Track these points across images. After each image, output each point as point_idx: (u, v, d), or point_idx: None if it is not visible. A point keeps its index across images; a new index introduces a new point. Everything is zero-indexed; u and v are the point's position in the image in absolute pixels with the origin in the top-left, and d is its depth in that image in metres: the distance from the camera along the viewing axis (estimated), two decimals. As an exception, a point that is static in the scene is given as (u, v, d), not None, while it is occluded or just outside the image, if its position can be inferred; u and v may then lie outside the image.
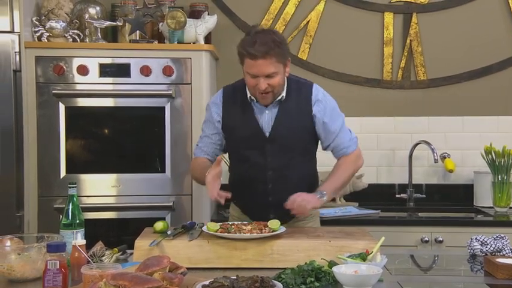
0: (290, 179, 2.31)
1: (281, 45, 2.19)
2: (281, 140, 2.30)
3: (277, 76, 2.20)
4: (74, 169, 2.93)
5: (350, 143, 2.38)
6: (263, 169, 2.31)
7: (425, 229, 2.96)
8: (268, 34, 2.20)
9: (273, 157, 2.30)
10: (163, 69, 2.92)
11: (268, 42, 2.15)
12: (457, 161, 3.41)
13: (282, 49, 2.20)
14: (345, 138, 2.37)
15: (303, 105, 2.32)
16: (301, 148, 2.35)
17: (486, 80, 3.49)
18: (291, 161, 2.32)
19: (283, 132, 2.30)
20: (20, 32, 2.86)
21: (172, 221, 2.84)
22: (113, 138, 3.04)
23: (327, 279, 1.71)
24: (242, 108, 2.33)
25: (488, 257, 1.99)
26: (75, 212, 1.98)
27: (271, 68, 2.17)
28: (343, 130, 2.37)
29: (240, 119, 2.33)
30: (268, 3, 3.51)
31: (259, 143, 2.30)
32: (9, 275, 1.78)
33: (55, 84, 2.90)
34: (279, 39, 2.20)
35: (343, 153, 2.37)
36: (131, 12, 3.10)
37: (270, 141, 2.30)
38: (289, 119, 2.30)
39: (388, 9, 3.51)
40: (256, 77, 2.19)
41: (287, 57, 2.26)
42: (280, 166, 2.31)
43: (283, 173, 2.31)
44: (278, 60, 2.18)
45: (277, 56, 2.17)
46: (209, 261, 1.94)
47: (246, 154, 2.34)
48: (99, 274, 1.59)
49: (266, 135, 2.30)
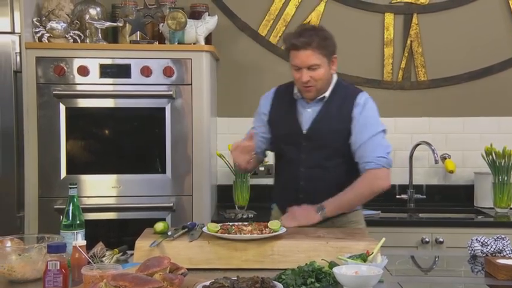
0: (322, 179, 2.31)
1: (326, 40, 2.25)
2: (317, 138, 2.32)
3: (320, 69, 2.25)
4: (75, 170, 2.93)
5: (373, 160, 2.25)
6: (296, 166, 2.34)
7: (426, 230, 2.96)
8: (314, 29, 2.31)
9: (307, 154, 2.33)
10: (163, 70, 2.92)
11: (312, 35, 2.22)
12: (457, 161, 3.41)
13: (327, 44, 2.25)
14: (371, 152, 2.26)
15: (345, 108, 2.31)
16: (336, 149, 2.33)
17: (487, 81, 3.50)
18: (324, 161, 2.32)
19: (320, 131, 2.32)
20: (21, 32, 2.86)
21: (172, 222, 2.84)
22: (113, 139, 3.04)
23: (328, 280, 1.71)
24: (287, 105, 2.39)
25: (488, 257, 1.99)
26: (76, 213, 1.98)
27: (313, 59, 2.22)
28: (372, 143, 2.27)
29: (283, 115, 2.40)
30: (268, 4, 3.51)
31: (296, 139, 2.34)
32: (9, 276, 1.78)
33: (55, 84, 2.90)
34: (325, 35, 2.26)
35: (362, 168, 2.28)
36: (132, 13, 3.10)
37: (306, 138, 2.33)
38: (329, 119, 2.32)
39: (389, 10, 3.51)
40: (300, 69, 2.25)
41: (332, 53, 2.29)
42: (313, 164, 2.32)
43: (315, 172, 2.32)
44: (322, 53, 2.23)
45: (321, 48, 2.23)
46: (209, 262, 1.94)
47: (284, 149, 2.40)
48: (99, 275, 1.59)
49: (303, 131, 2.33)
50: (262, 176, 3.47)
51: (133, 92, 2.93)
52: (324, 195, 2.30)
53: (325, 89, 2.33)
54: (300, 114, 2.36)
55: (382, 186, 2.29)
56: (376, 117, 2.34)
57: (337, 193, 2.27)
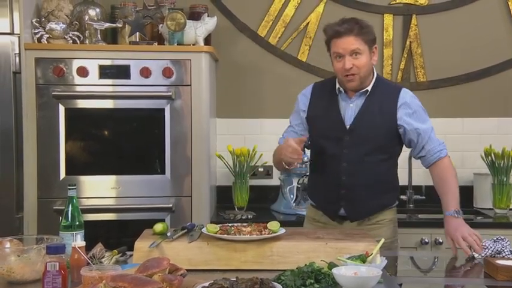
0: (364, 175, 2.33)
1: (368, 27, 2.29)
2: (360, 133, 2.32)
3: (363, 56, 2.26)
4: (74, 171, 2.93)
5: (442, 147, 2.37)
6: (338, 161, 2.34)
7: (425, 231, 2.96)
8: (354, 18, 2.32)
9: (349, 149, 2.33)
10: (163, 71, 2.92)
11: (353, 23, 2.27)
12: (456, 162, 3.38)
13: (368, 30, 2.29)
14: (437, 141, 2.37)
15: (388, 104, 2.33)
16: (379, 145, 2.35)
17: (486, 82, 3.50)
18: (367, 156, 2.33)
19: (364, 125, 2.32)
20: (20, 33, 2.86)
21: (171, 223, 2.84)
22: (112, 140, 3.04)
23: (327, 280, 1.71)
24: (328, 100, 2.39)
25: (488, 258, 1.99)
26: (75, 214, 1.98)
27: (355, 44, 2.24)
28: (433, 135, 2.37)
29: (324, 110, 2.39)
30: (268, 4, 3.51)
31: (339, 134, 2.34)
32: (8, 277, 1.78)
33: (55, 85, 2.90)
34: (365, 24, 2.30)
35: (437, 157, 2.35)
36: (131, 13, 3.10)
37: (349, 133, 2.33)
38: (372, 114, 2.33)
39: (388, 11, 3.51)
40: (342, 56, 2.26)
41: (373, 42, 2.31)
42: (356, 159, 2.33)
43: (357, 167, 2.33)
44: (363, 40, 2.26)
45: (363, 35, 2.26)
46: (209, 262, 1.94)
47: (325, 145, 2.39)
48: (98, 276, 1.59)
49: (346, 126, 2.33)
50: (262, 177, 3.47)
51: (132, 93, 2.93)
52: (364, 191, 2.33)
53: (368, 82, 2.33)
54: (343, 109, 2.36)
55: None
56: (424, 110, 2.41)
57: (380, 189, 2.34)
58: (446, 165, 2.36)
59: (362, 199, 2.35)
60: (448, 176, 2.34)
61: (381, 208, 2.41)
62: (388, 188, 2.44)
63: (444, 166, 2.35)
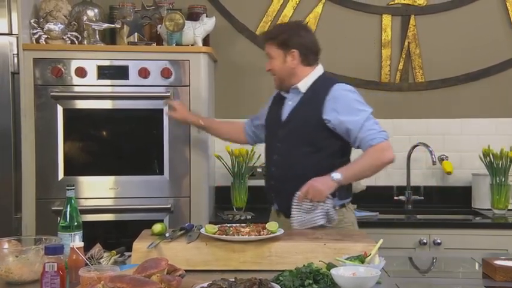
0: (291, 167, 2.39)
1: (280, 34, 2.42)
2: (291, 127, 2.43)
3: (275, 60, 2.43)
4: (72, 171, 2.93)
5: (376, 135, 2.34)
6: (272, 153, 2.50)
7: (424, 231, 2.96)
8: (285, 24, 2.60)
9: (281, 143, 2.45)
10: (161, 72, 2.92)
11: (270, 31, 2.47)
12: (455, 163, 3.42)
13: (279, 37, 2.41)
14: (370, 132, 2.33)
15: (318, 97, 2.40)
16: (307, 139, 2.40)
17: (484, 82, 3.50)
18: (294, 149, 2.41)
19: (295, 120, 2.43)
20: (18, 34, 2.86)
21: (170, 223, 2.84)
22: (111, 140, 3.04)
23: (325, 281, 1.71)
24: (278, 99, 2.57)
25: (486, 259, 1.99)
26: (73, 214, 1.98)
27: (268, 49, 2.45)
28: (367, 125, 2.34)
29: (272, 107, 2.59)
30: (266, 5, 3.51)
31: (275, 128, 2.50)
32: (7, 278, 1.78)
33: (53, 86, 2.90)
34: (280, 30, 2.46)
35: (368, 145, 2.34)
36: (129, 14, 3.10)
37: (282, 127, 2.46)
38: (302, 110, 2.42)
39: (386, 12, 3.51)
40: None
41: (288, 48, 2.41)
42: (285, 152, 2.43)
43: (286, 160, 2.42)
44: (275, 45, 2.42)
45: (273, 40, 2.42)
46: (207, 263, 1.94)
47: (266, 139, 2.61)
48: (97, 276, 1.59)
49: (281, 120, 2.47)
50: (260, 178, 3.45)
51: (131, 93, 2.93)
52: (292, 184, 2.32)
53: (292, 81, 2.45)
54: (282, 106, 2.50)
55: (390, 157, 2.35)
56: (356, 102, 2.40)
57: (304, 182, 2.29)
58: (372, 149, 2.31)
59: (290, 192, 2.33)
60: (364, 154, 2.33)
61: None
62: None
63: (369, 149, 2.32)
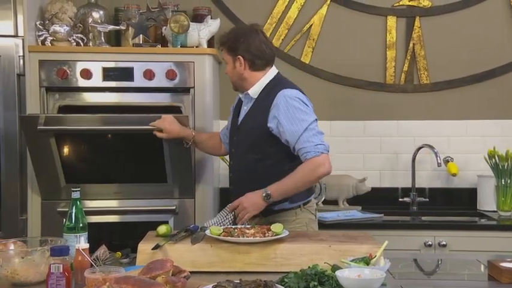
0: (243, 173, 2.45)
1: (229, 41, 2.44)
2: (242, 134, 2.47)
3: (228, 65, 2.48)
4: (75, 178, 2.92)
5: (311, 149, 2.28)
6: (230, 158, 2.59)
7: (429, 233, 2.95)
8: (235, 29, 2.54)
9: (235, 148, 2.51)
10: (166, 73, 2.93)
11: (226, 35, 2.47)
12: (460, 164, 3.41)
13: (232, 44, 2.43)
14: (307, 144, 2.29)
15: (265, 105, 2.40)
16: (253, 145, 2.41)
17: (489, 84, 3.49)
18: (245, 155, 2.44)
19: (245, 126, 2.46)
20: (24, 36, 2.87)
21: (175, 225, 2.84)
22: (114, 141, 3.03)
23: (330, 283, 1.71)
24: (239, 104, 2.58)
25: (492, 261, 1.98)
26: (79, 216, 1.99)
27: (223, 55, 2.50)
28: (307, 134, 2.30)
29: (234, 110, 2.60)
30: (271, 7, 3.52)
31: (232, 133, 2.56)
32: (12, 279, 1.78)
33: (59, 88, 2.91)
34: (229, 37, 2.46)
35: (304, 158, 2.30)
36: (134, 16, 3.11)
37: (236, 133, 2.51)
38: (252, 116, 2.45)
39: (391, 13, 3.51)
40: None
41: (236, 54, 2.43)
42: (239, 159, 2.48)
43: (239, 166, 2.49)
44: (226, 51, 2.46)
45: (224, 45, 2.46)
46: (212, 265, 1.94)
47: (227, 142, 2.65)
48: (102, 278, 1.59)
49: (236, 127, 2.51)
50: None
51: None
52: (246, 189, 2.33)
53: (244, 86, 2.47)
54: (240, 111, 2.53)
55: (324, 172, 2.31)
56: (301, 111, 2.33)
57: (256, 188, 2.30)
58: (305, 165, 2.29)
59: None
60: (297, 170, 2.29)
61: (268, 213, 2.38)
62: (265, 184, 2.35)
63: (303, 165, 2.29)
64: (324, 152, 2.30)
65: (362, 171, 3.43)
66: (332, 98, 3.51)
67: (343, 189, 3.27)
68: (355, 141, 3.50)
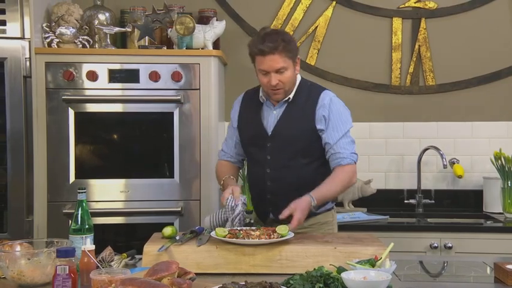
0: (287, 179, 2.34)
1: (290, 42, 2.30)
2: (281, 139, 2.35)
3: (287, 71, 2.29)
4: (83, 174, 2.94)
5: (348, 156, 2.31)
6: (263, 166, 2.38)
7: (435, 235, 2.95)
8: (276, 33, 2.33)
9: (272, 155, 2.36)
10: (172, 75, 2.94)
11: (276, 39, 2.25)
12: (466, 166, 3.40)
13: (291, 46, 2.29)
14: (345, 148, 2.32)
15: (308, 107, 2.35)
16: (300, 150, 2.35)
17: (495, 86, 3.48)
18: (290, 161, 2.34)
19: (284, 131, 2.35)
20: (31, 38, 2.88)
21: (180, 227, 2.85)
22: (121, 144, 3.05)
23: (336, 285, 1.71)
24: (254, 108, 2.44)
25: (498, 263, 1.98)
26: (85, 217, 1.99)
27: (280, 62, 2.26)
28: (345, 140, 2.33)
29: (250, 118, 2.44)
30: (276, 8, 3.52)
31: (262, 140, 2.38)
32: (19, 280, 1.79)
33: (65, 89, 2.92)
34: (287, 38, 2.30)
35: (338, 163, 2.31)
36: (140, 18, 3.12)
37: (270, 140, 2.36)
38: (292, 119, 2.35)
39: (397, 15, 3.51)
40: (268, 73, 2.29)
41: (296, 55, 2.33)
42: (279, 165, 2.35)
43: (281, 173, 2.35)
44: (287, 56, 2.28)
45: (286, 51, 2.27)
46: (218, 266, 1.94)
47: (251, 151, 2.46)
48: (108, 279, 1.60)
49: (268, 133, 2.37)
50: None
51: (141, 96, 2.95)
52: (290, 196, 2.26)
53: (291, 90, 2.37)
54: (266, 116, 2.40)
55: (354, 182, 2.37)
56: (344, 114, 2.37)
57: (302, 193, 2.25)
58: (344, 171, 2.29)
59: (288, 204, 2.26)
60: (339, 176, 2.29)
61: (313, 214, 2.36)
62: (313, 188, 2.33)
63: (342, 170, 2.30)
64: (356, 162, 2.34)
65: (367, 173, 3.42)
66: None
67: (348, 191, 3.26)
68: (361, 143, 3.46)
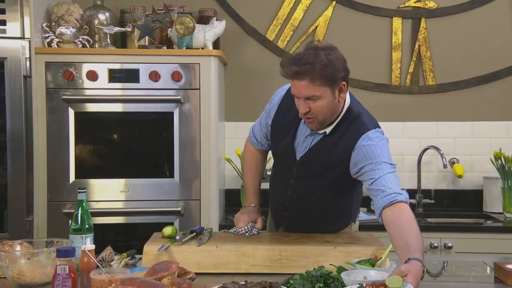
0: (306, 205, 2.19)
1: (329, 66, 1.90)
2: (308, 170, 2.13)
3: (321, 100, 1.94)
4: (83, 174, 2.94)
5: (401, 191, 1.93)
6: (285, 186, 2.23)
7: (435, 235, 2.95)
8: (316, 50, 1.92)
9: (296, 180, 2.18)
10: (172, 75, 2.94)
11: (311, 62, 1.89)
12: (466, 166, 3.40)
13: (329, 71, 1.90)
14: (393, 184, 1.93)
15: (346, 144, 2.03)
16: (328, 186, 2.14)
17: (495, 85, 3.48)
18: (311, 193, 2.17)
19: (314, 162, 2.11)
20: (31, 38, 2.88)
21: (180, 226, 2.85)
22: (121, 143, 3.05)
23: (336, 285, 1.71)
24: (290, 119, 2.13)
25: (498, 263, 1.98)
26: (85, 217, 1.99)
27: (311, 90, 1.91)
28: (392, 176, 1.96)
29: (283, 128, 2.17)
30: (276, 8, 3.52)
31: (289, 162, 2.17)
32: (19, 280, 1.79)
33: (65, 89, 2.92)
34: (329, 59, 1.90)
35: (392, 199, 1.89)
36: (140, 18, 3.12)
37: (298, 165, 2.15)
38: (325, 152, 2.07)
39: (397, 15, 3.51)
40: (298, 98, 1.98)
41: (337, 81, 1.93)
42: (301, 192, 2.19)
43: (300, 197, 2.20)
44: (322, 83, 1.91)
45: (320, 78, 1.90)
46: (218, 266, 1.94)
47: (278, 164, 2.30)
48: (108, 279, 1.60)
49: (297, 158, 2.14)
50: (270, 181, 3.46)
51: (141, 96, 2.95)
52: (307, 220, 2.23)
53: (332, 120, 2.04)
54: (299, 136, 2.13)
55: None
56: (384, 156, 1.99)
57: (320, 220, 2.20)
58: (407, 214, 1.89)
59: (303, 225, 2.22)
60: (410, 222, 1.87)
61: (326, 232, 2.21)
62: (337, 217, 2.26)
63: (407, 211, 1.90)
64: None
65: (367, 173, 3.42)
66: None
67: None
68: (361, 143, 3.49)
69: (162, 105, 2.96)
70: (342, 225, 2.31)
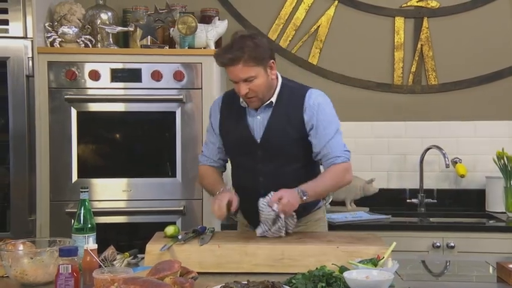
0: (281, 186, 2.18)
1: (257, 48, 2.15)
2: (272, 146, 2.26)
3: (257, 79, 2.17)
4: (86, 173, 2.95)
5: (341, 154, 2.23)
6: (255, 175, 2.28)
7: (437, 234, 2.94)
8: (243, 38, 2.17)
9: (263, 163, 2.27)
10: (174, 74, 2.94)
11: (240, 48, 2.12)
12: (468, 166, 3.39)
13: (258, 52, 2.14)
14: (336, 147, 2.23)
15: (295, 110, 2.25)
16: (293, 155, 2.28)
17: (498, 85, 3.48)
18: (282, 168, 2.26)
19: (274, 138, 2.25)
20: (33, 37, 2.88)
21: (183, 226, 2.85)
22: (124, 143, 3.06)
23: (338, 284, 1.71)
24: (236, 113, 2.32)
25: (501, 262, 1.97)
26: (87, 217, 2.00)
27: (245, 72, 2.14)
28: (335, 139, 2.24)
29: (233, 124, 2.32)
30: (278, 8, 3.52)
31: (251, 148, 2.28)
32: (21, 279, 1.80)
33: (67, 89, 2.92)
34: (255, 43, 2.15)
35: (331, 163, 2.22)
36: (142, 17, 3.12)
37: (261, 147, 2.27)
38: (280, 124, 2.25)
39: (399, 14, 3.50)
40: (237, 82, 2.19)
41: (267, 59, 2.19)
42: (272, 173, 2.26)
43: (274, 180, 2.23)
44: (254, 64, 2.14)
45: (252, 59, 2.13)
46: (220, 265, 1.94)
47: (239, 160, 2.36)
48: (110, 278, 1.60)
49: (257, 141, 2.27)
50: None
51: (144, 96, 2.95)
52: None
53: (270, 95, 2.26)
54: (251, 122, 2.28)
55: (350, 179, 2.30)
56: (331, 113, 2.29)
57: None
58: (336, 169, 2.21)
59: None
60: (329, 173, 2.22)
61: (306, 212, 2.35)
62: None
63: (334, 168, 2.22)
64: (349, 159, 2.26)
65: (370, 172, 3.42)
66: (339, 99, 3.45)
67: (350, 190, 3.26)
68: (363, 142, 3.49)
69: (164, 105, 2.96)
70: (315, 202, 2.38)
